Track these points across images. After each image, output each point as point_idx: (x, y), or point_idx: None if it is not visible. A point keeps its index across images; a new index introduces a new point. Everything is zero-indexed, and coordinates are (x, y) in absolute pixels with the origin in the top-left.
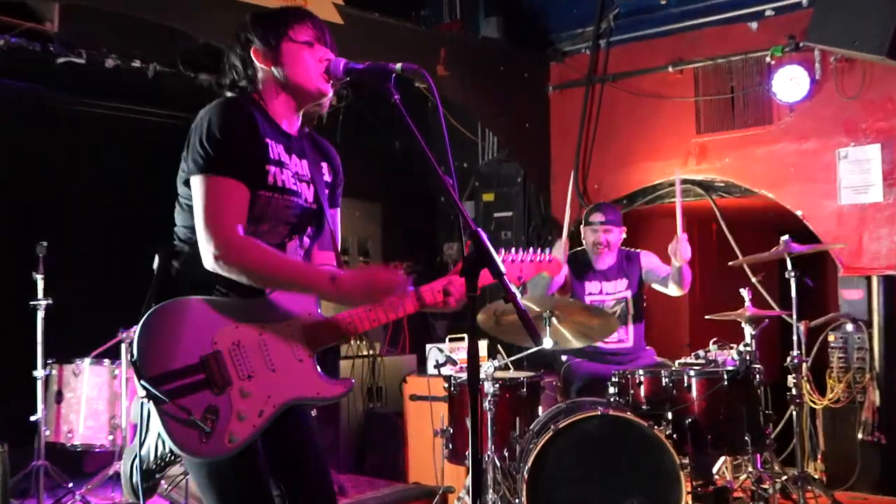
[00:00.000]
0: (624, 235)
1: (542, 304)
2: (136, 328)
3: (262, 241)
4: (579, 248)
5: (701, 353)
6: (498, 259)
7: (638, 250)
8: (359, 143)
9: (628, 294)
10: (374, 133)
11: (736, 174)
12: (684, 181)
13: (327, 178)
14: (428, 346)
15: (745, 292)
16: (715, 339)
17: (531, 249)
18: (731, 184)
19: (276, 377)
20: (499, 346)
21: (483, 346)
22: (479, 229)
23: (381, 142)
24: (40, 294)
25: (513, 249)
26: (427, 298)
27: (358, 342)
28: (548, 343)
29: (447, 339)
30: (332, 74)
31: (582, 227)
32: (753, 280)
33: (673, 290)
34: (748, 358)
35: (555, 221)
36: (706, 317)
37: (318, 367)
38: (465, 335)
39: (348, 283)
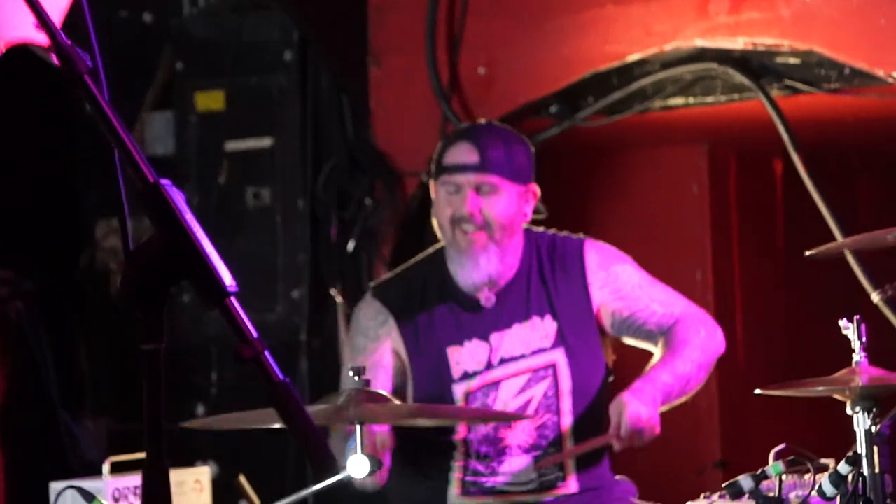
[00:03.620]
0: (535, 204)
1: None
2: None
3: None
4: (427, 255)
5: (745, 481)
6: (213, 253)
7: (580, 238)
8: None
9: (559, 355)
10: None
11: (829, 36)
12: (704, 51)
13: None
14: (56, 487)
15: (850, 328)
16: (781, 446)
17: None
18: (817, 58)
19: None
20: (241, 481)
21: (203, 477)
22: (163, 181)
23: None
24: None
25: None
26: None
27: None
28: (360, 468)
29: (106, 468)
30: None
31: (432, 184)
32: (874, 296)
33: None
34: (865, 491)
35: (385, 161)
36: (756, 391)
37: None
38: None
39: None
